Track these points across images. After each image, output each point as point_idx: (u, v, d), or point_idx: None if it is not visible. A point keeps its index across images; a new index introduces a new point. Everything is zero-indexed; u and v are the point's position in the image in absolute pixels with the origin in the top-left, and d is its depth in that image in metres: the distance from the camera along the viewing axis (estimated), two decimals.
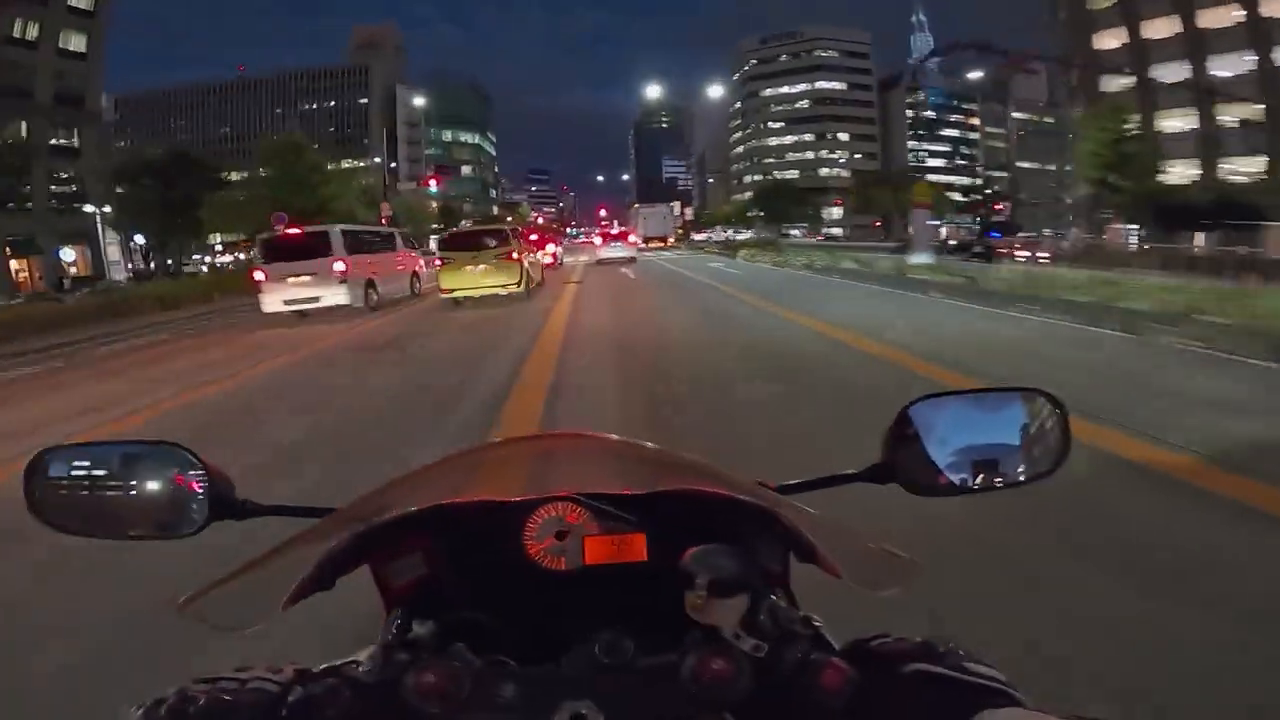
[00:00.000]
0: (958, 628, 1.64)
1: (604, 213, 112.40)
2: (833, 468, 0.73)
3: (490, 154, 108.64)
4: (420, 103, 63.79)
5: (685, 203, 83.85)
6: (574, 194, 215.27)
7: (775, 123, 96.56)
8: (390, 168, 74.92)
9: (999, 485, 0.68)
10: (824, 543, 0.54)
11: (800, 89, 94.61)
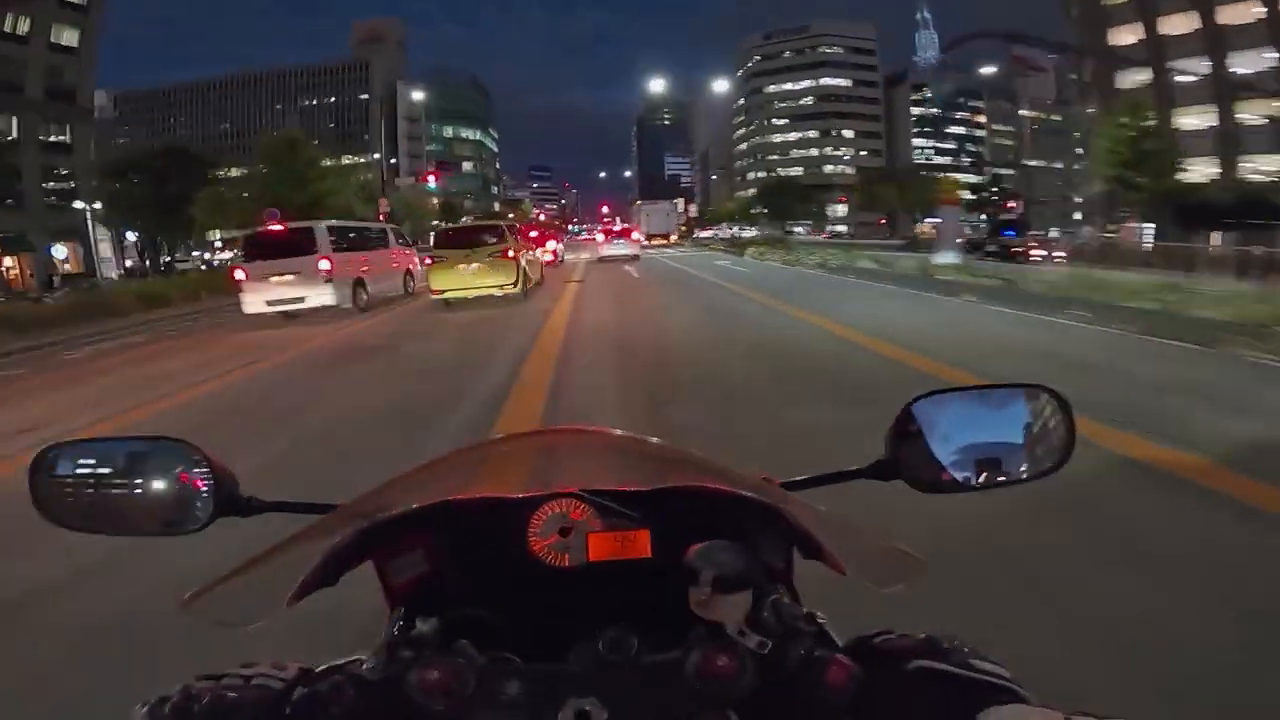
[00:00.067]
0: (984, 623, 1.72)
1: (606, 209, 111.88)
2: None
3: (492, 150, 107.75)
4: (419, 97, 63.01)
5: (689, 199, 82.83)
6: (576, 191, 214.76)
7: (779, 119, 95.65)
8: (391, 163, 74.25)
9: (1001, 482, 0.68)
10: (829, 539, 0.54)
11: (805, 85, 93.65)
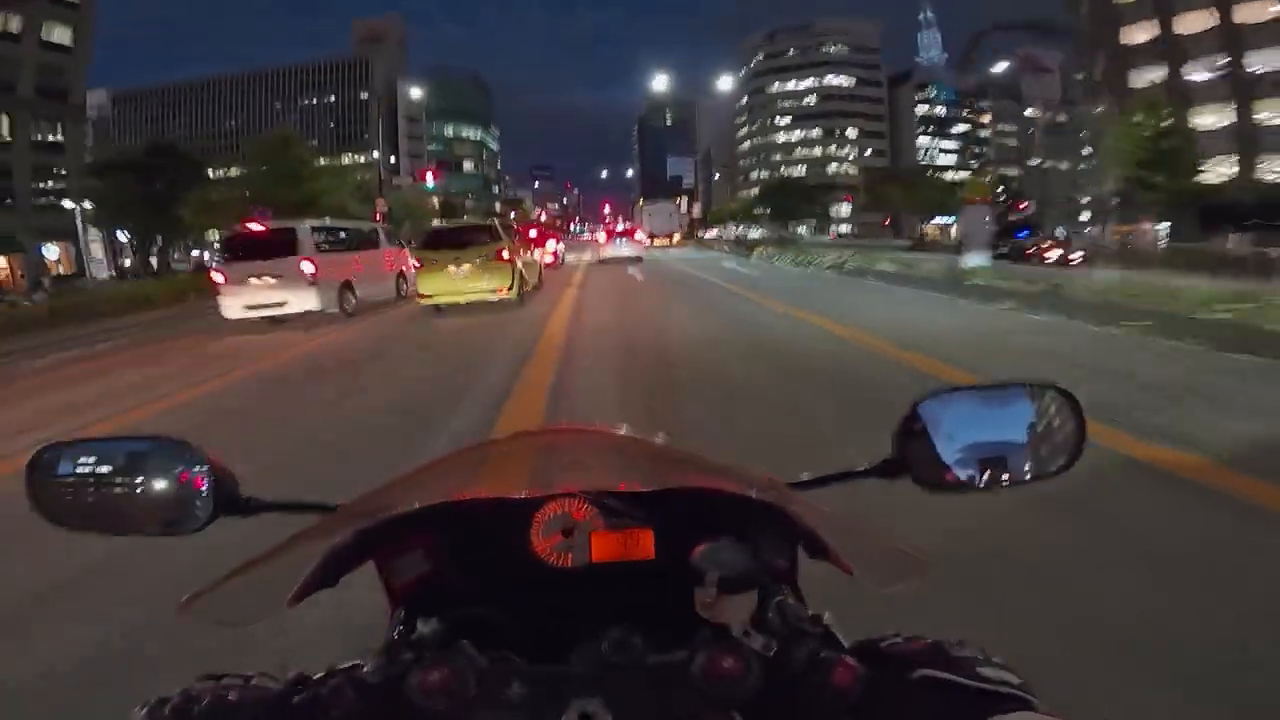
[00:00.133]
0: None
1: (608, 209, 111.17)
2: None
3: (493, 150, 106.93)
4: (417, 94, 62.10)
5: (692, 199, 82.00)
6: (578, 191, 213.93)
7: (782, 118, 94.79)
8: (391, 162, 73.56)
9: (1006, 483, 0.68)
10: (836, 539, 0.53)
11: (808, 84, 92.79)
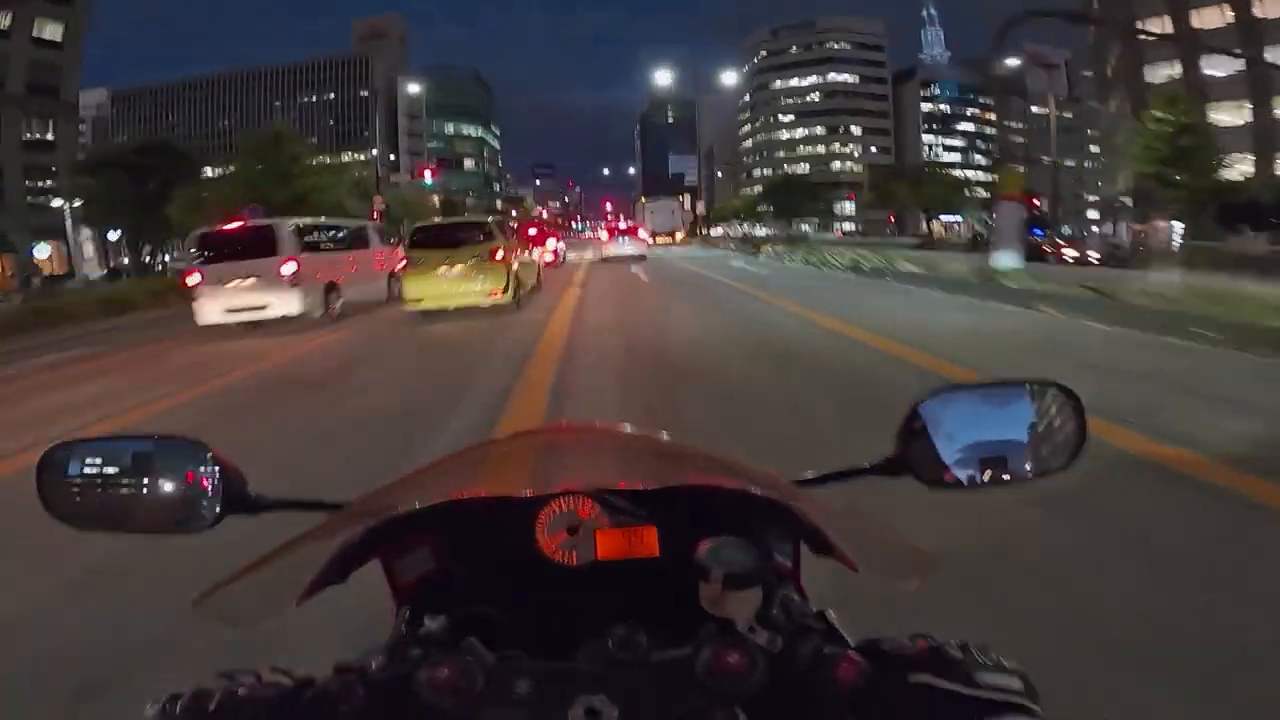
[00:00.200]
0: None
1: (610, 207, 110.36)
2: None
3: (494, 147, 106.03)
4: (416, 89, 61.26)
5: (695, 197, 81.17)
6: (579, 189, 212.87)
7: (786, 116, 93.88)
8: (390, 160, 72.80)
9: (1006, 481, 0.68)
10: (840, 536, 0.53)
11: (812, 81, 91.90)
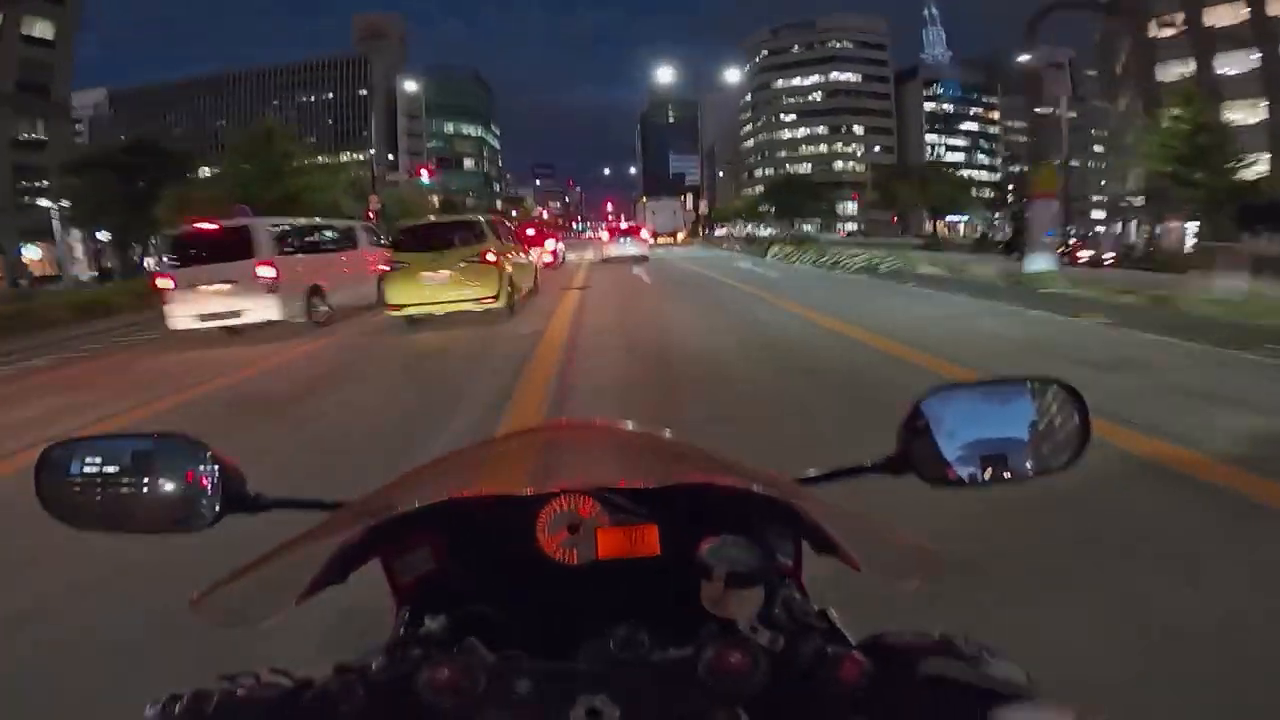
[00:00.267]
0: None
1: (611, 207, 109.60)
2: None
3: (494, 147, 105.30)
4: (413, 87, 60.37)
5: (698, 196, 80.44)
6: (580, 189, 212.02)
7: (788, 115, 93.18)
8: (389, 159, 72.08)
9: (1008, 479, 0.68)
10: (843, 535, 0.52)
11: (813, 81, 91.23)
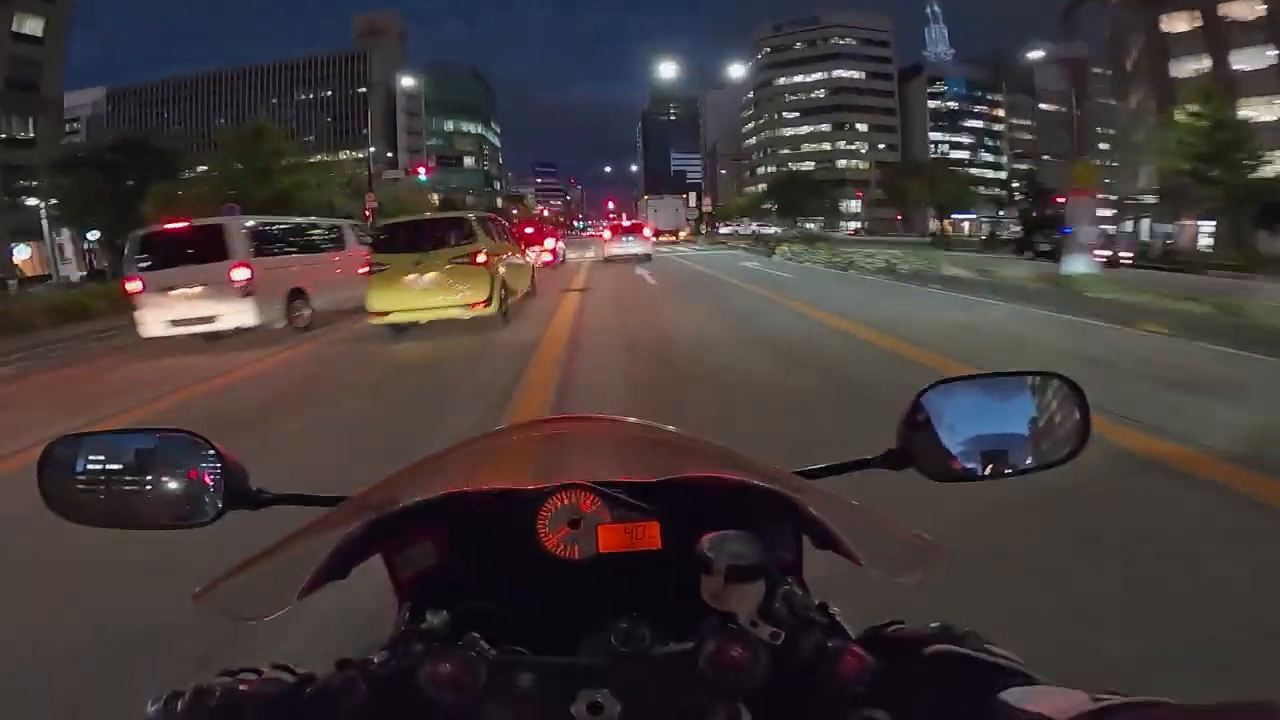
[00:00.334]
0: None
1: (612, 205, 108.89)
2: None
3: (494, 145, 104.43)
4: (410, 82, 59.65)
5: (702, 193, 79.79)
6: (581, 187, 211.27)
7: (790, 112, 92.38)
8: (388, 157, 71.41)
9: (1008, 473, 0.68)
10: (844, 528, 0.52)
11: (817, 78, 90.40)
